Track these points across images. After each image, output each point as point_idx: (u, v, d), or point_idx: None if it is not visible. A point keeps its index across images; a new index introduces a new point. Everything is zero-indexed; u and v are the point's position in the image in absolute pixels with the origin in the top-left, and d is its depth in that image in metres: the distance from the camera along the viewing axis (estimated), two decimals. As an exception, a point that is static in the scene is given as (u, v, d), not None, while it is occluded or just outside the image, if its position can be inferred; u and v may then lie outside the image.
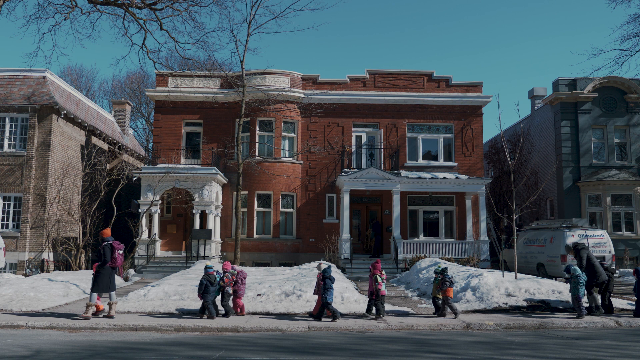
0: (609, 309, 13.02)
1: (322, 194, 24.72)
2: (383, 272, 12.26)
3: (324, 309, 11.71)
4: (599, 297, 13.12)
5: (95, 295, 11.59)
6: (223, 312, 12.01)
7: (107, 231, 11.94)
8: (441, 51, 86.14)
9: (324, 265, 12.60)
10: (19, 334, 10.21)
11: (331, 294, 11.73)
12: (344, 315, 12.10)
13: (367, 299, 12.54)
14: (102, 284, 11.57)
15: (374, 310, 12.16)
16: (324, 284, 11.74)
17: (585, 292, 12.70)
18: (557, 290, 14.03)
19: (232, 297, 12.12)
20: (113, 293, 11.74)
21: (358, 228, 24.89)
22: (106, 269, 11.60)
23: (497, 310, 12.98)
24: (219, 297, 12.16)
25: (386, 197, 24.40)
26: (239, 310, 12.17)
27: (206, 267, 11.95)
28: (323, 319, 11.70)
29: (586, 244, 13.42)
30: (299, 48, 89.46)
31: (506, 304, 13.23)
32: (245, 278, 12.46)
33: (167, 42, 39.73)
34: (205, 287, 11.59)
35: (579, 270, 12.60)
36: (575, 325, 11.54)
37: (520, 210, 19.44)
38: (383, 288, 11.94)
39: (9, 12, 17.35)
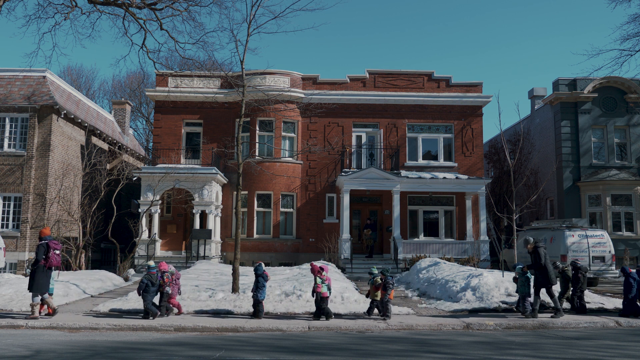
0: (581, 310, 12.77)
1: (322, 194, 24.72)
2: (324, 274, 12.07)
3: (258, 306, 11.79)
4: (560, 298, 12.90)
5: (34, 295, 11.33)
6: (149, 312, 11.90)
7: (45, 230, 11.75)
8: (441, 51, 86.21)
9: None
10: (19, 334, 10.21)
11: (263, 292, 11.79)
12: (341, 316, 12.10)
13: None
14: (38, 284, 11.28)
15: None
16: (256, 282, 11.83)
17: (533, 292, 12.26)
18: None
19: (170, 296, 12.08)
20: (45, 294, 11.46)
21: (358, 228, 24.88)
22: (40, 268, 11.29)
23: (497, 310, 12.98)
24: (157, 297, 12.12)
25: (386, 197, 24.40)
26: (175, 310, 12.11)
27: (148, 267, 11.92)
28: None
29: (544, 244, 12.88)
30: (299, 48, 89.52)
31: (506, 303, 13.24)
32: (179, 279, 12.46)
33: (167, 42, 39.69)
34: (146, 287, 11.52)
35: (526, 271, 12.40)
36: (575, 325, 11.54)
37: (520, 210, 19.43)
38: (324, 290, 11.73)
39: (9, 12, 17.31)
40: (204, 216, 22.85)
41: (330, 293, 11.92)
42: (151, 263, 12.01)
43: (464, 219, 24.19)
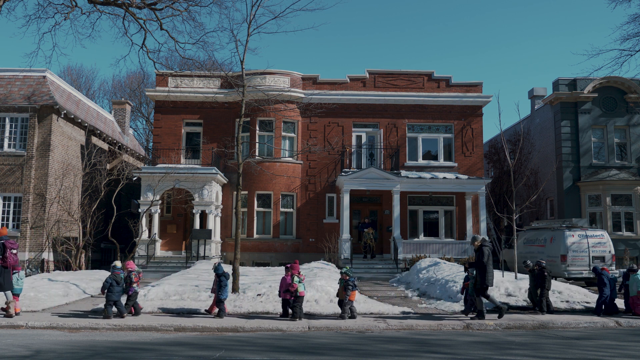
0: (542, 308, 12.66)
1: (322, 194, 24.71)
2: (301, 273, 12.10)
3: (220, 305, 11.85)
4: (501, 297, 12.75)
5: (7, 293, 11.50)
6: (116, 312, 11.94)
7: (3, 230, 11.89)
8: (441, 51, 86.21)
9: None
10: (19, 334, 10.21)
11: (225, 291, 11.85)
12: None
13: (371, 300, 12.48)
14: (7, 283, 11.42)
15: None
16: (219, 282, 11.89)
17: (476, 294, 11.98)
18: (557, 290, 14.04)
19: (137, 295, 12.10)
20: (8, 293, 11.55)
21: (358, 228, 24.88)
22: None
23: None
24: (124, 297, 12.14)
25: (386, 197, 24.40)
26: (132, 310, 12.13)
27: (113, 267, 11.99)
28: (206, 317, 11.82)
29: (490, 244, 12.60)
30: (299, 48, 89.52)
31: (506, 303, 13.22)
32: (140, 279, 12.47)
33: (167, 42, 39.70)
34: (110, 286, 11.56)
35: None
36: (575, 325, 11.55)
37: (520, 210, 19.40)
38: (301, 289, 11.76)
39: (9, 12, 17.32)
40: (204, 216, 22.85)
41: (306, 292, 12.04)
42: (117, 264, 12.08)
43: (464, 219, 24.19)
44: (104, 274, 17.58)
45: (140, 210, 21.84)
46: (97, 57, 72.71)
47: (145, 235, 21.56)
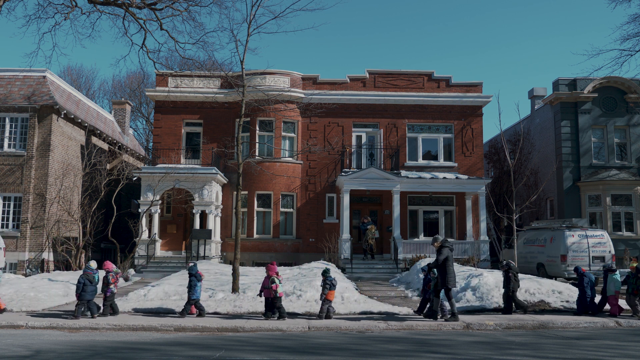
0: (507, 310, 12.58)
1: (322, 194, 24.71)
2: (279, 273, 12.05)
3: (189, 306, 11.91)
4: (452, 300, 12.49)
5: None
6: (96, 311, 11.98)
7: None
8: (441, 51, 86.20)
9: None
10: (19, 334, 10.21)
11: (196, 291, 11.89)
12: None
13: (371, 300, 12.49)
14: None
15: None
16: (189, 282, 11.96)
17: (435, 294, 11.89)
18: (557, 290, 14.04)
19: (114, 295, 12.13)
20: None
21: (358, 228, 24.87)
22: None
23: (497, 310, 12.98)
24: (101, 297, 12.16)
25: (386, 197, 24.39)
26: (111, 310, 12.17)
27: (87, 267, 12.03)
28: (187, 316, 11.87)
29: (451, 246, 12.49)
30: (299, 48, 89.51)
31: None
32: (117, 280, 12.49)
33: (167, 42, 39.73)
34: (84, 286, 11.59)
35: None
36: (575, 325, 11.55)
37: (520, 210, 19.45)
38: (280, 290, 11.80)
39: (9, 12, 17.33)
40: (204, 216, 22.85)
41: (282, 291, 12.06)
42: (91, 264, 12.14)
43: (464, 219, 24.19)
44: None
45: (140, 210, 21.83)
46: (97, 57, 72.75)
47: (145, 235, 21.56)
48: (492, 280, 14.19)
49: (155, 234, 22.31)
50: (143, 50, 17.75)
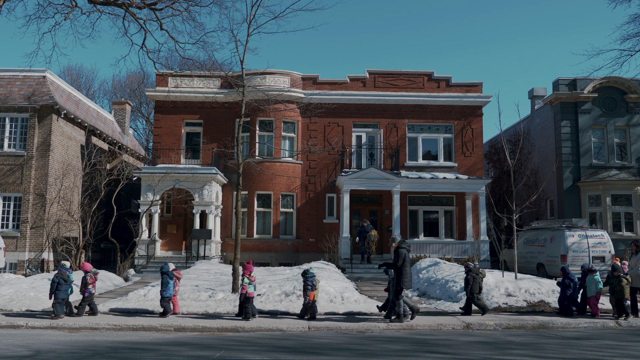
0: (466, 311, 12.49)
1: (322, 194, 24.71)
2: (252, 274, 11.95)
3: (163, 303, 11.94)
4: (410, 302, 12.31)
5: None
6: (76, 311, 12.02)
7: None
8: (441, 51, 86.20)
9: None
10: (19, 334, 10.21)
11: (167, 289, 11.95)
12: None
13: (370, 300, 12.49)
14: None
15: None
16: (162, 280, 12.04)
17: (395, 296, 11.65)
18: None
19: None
20: None
21: (358, 231, 24.85)
22: None
23: (497, 310, 12.98)
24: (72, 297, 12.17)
25: (386, 197, 24.39)
26: (90, 310, 12.17)
27: (61, 266, 12.05)
28: (169, 316, 11.87)
29: (409, 246, 12.26)
30: (299, 48, 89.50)
31: (506, 304, 13.24)
32: (95, 280, 12.48)
33: (167, 42, 39.66)
34: (58, 285, 11.60)
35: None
36: (575, 326, 11.55)
37: (520, 210, 19.37)
38: (251, 290, 11.73)
39: (9, 12, 17.33)
40: (204, 216, 22.85)
41: (255, 293, 12.05)
42: (66, 263, 12.18)
43: (464, 219, 24.18)
44: (104, 274, 17.58)
45: (140, 210, 21.83)
46: (97, 57, 72.73)
47: (145, 235, 21.55)
48: (492, 281, 14.20)
49: (155, 234, 22.31)
50: (143, 50, 17.76)
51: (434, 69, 34.91)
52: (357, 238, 21.83)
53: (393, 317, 11.61)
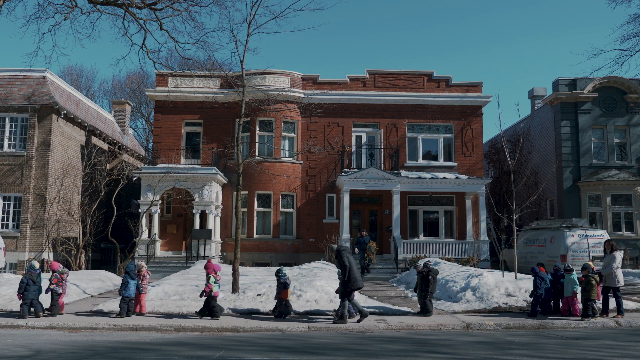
0: (424, 311, 12.37)
1: (322, 194, 24.71)
2: (218, 273, 11.92)
3: (122, 304, 11.92)
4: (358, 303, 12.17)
5: None
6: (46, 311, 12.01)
7: None
8: (441, 51, 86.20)
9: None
10: (19, 334, 10.21)
11: (127, 289, 11.93)
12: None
13: (371, 300, 12.49)
14: None
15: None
16: (122, 279, 12.03)
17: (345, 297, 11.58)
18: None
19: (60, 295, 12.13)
20: None
21: (358, 228, 24.88)
22: None
23: (497, 310, 12.97)
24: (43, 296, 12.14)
25: (386, 197, 24.39)
26: (62, 310, 12.19)
27: (30, 267, 12.06)
28: (128, 317, 11.86)
29: (349, 247, 12.14)
30: (299, 48, 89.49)
31: (506, 304, 13.23)
32: (61, 280, 12.44)
33: (167, 42, 39.64)
34: (26, 286, 11.60)
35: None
36: (575, 326, 11.54)
37: (520, 210, 19.38)
38: (216, 289, 11.76)
39: (9, 12, 17.33)
40: (204, 216, 22.84)
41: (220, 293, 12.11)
42: (34, 264, 12.16)
43: (464, 219, 24.19)
44: (104, 274, 17.58)
45: (140, 210, 21.83)
46: (97, 57, 72.73)
47: (145, 235, 21.55)
48: (492, 281, 14.19)
49: (155, 234, 22.31)
50: (143, 50, 17.75)
51: (434, 69, 34.93)
52: (356, 249, 21.10)
53: (336, 319, 11.56)
